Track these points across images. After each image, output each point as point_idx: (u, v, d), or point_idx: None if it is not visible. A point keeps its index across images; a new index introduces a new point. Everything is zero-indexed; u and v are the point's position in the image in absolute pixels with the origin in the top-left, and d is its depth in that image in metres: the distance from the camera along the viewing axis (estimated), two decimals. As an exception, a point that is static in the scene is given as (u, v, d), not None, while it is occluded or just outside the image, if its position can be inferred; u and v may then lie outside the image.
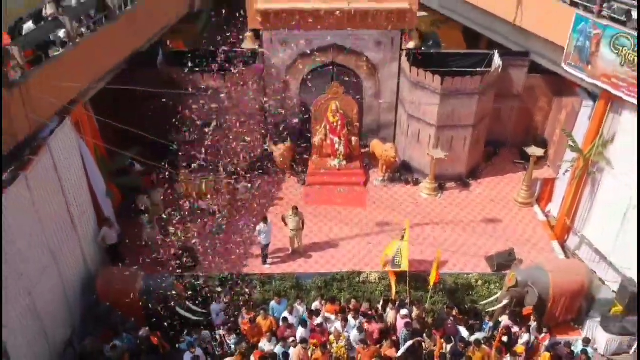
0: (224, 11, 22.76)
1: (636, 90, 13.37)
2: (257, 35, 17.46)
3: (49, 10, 12.76)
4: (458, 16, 19.79)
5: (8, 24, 11.47)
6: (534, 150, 16.57)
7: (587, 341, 12.96)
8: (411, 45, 17.67)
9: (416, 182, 17.99)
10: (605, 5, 13.96)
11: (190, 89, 15.99)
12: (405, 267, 13.65)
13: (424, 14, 22.39)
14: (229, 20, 16.80)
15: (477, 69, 17.46)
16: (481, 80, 16.41)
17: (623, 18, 13.67)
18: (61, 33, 12.46)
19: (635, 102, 13.53)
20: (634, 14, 13.54)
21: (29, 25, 12.42)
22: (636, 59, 13.21)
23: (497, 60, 17.06)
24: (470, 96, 16.50)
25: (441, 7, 20.62)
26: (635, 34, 13.16)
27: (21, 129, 11.24)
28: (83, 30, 12.94)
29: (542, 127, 18.73)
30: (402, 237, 13.99)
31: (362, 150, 18.74)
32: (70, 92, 12.59)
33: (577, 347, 13.09)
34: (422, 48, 20.13)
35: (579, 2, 14.61)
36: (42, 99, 11.56)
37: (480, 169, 18.50)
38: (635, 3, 13.55)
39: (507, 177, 18.34)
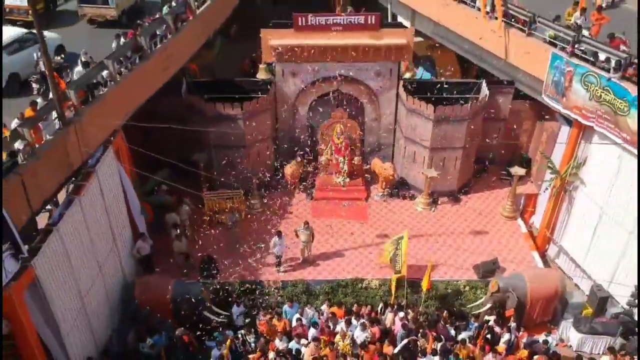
0: (234, 27, 24.50)
1: (605, 122, 15.37)
2: (269, 67, 19.46)
3: (82, 57, 14.71)
4: (450, 44, 21.66)
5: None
6: (517, 170, 18.57)
7: (545, 342, 14.85)
8: (408, 75, 19.67)
9: (412, 197, 20.01)
10: (577, 45, 15.95)
11: (210, 116, 18.08)
12: (404, 272, 15.61)
13: (419, 39, 24.42)
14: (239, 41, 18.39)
15: (467, 96, 19.50)
16: (470, 108, 18.42)
17: (592, 58, 15.67)
18: (105, 74, 14.44)
19: (604, 131, 15.54)
20: (601, 56, 15.54)
21: (78, 69, 14.40)
22: (603, 94, 15.23)
23: (484, 89, 19.07)
24: (461, 122, 18.51)
25: (435, 35, 22.54)
26: (602, 73, 15.16)
27: (75, 159, 13.26)
28: (122, 70, 14.92)
29: (527, 147, 20.72)
30: (398, 241, 15.96)
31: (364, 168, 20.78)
32: (112, 125, 14.61)
33: (552, 343, 15.17)
34: (419, 66, 22.11)
35: (556, 42, 16.61)
36: (91, 133, 13.58)
37: (470, 185, 20.51)
38: (601, 45, 15.56)
39: (495, 192, 20.34)
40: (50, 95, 12.69)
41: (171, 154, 16.42)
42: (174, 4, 18.04)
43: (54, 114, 12.72)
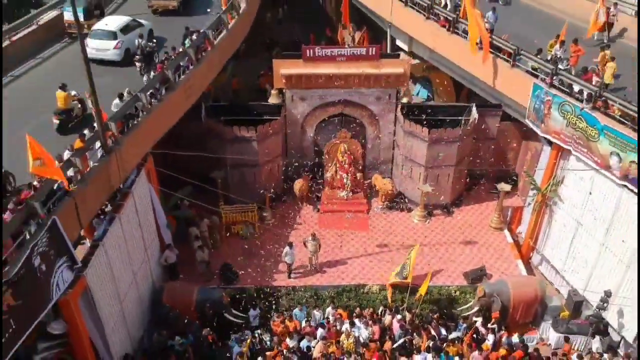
0: (242, 46, 26.45)
1: (579, 146, 17.37)
2: (280, 92, 21.49)
3: (125, 93, 16.73)
4: (444, 68, 23.68)
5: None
6: (503, 186, 20.60)
7: (522, 341, 16.82)
8: (405, 100, 21.69)
9: (409, 210, 22.04)
10: (555, 78, 17.96)
11: (227, 138, 20.12)
12: (409, 280, 17.54)
13: (417, 61, 26.47)
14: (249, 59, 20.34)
15: (459, 118, 21.53)
16: (461, 130, 20.44)
17: (567, 90, 17.68)
18: (138, 105, 16.42)
19: (579, 155, 17.53)
20: (576, 87, 17.54)
21: (116, 102, 16.39)
22: (577, 121, 17.24)
23: (474, 113, 21.09)
24: (453, 142, 20.54)
25: (430, 59, 24.54)
26: (576, 103, 17.17)
27: (115, 181, 15.25)
28: (153, 101, 16.91)
29: (513, 164, 22.74)
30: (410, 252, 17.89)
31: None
32: (145, 149, 16.63)
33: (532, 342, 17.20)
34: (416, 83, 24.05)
35: (537, 73, 18.61)
36: (127, 158, 15.59)
37: (462, 199, 22.53)
38: (575, 79, 17.56)
39: (484, 205, 22.36)
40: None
41: (192, 171, 18.50)
42: (194, 37, 20.01)
43: (98, 144, 14.70)
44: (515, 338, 16.79)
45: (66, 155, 13.96)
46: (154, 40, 21.34)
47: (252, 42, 30.36)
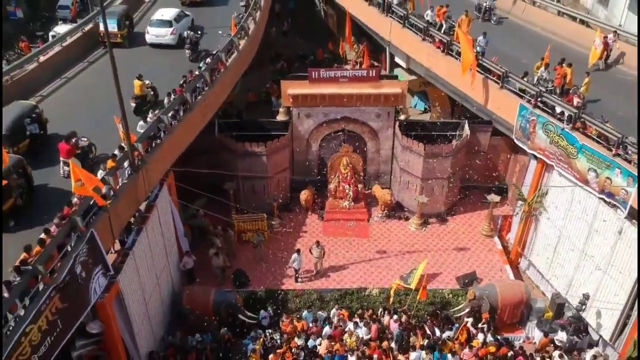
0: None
1: (561, 162, 19.10)
2: (288, 110, 23.22)
3: (150, 118, 18.45)
4: (439, 84, 25.39)
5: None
6: (493, 197, 22.33)
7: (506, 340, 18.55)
8: (402, 117, 23.41)
9: (407, 219, 23.77)
10: (539, 99, 19.69)
11: (239, 152, 21.85)
12: (413, 286, 19.13)
13: (414, 77, 28.22)
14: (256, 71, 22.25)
15: (452, 133, 23.26)
16: (454, 145, 22.17)
17: (550, 111, 19.41)
18: (161, 126, 18.13)
19: (561, 170, 19.25)
20: (557, 109, 19.27)
21: (141, 124, 18.09)
22: (559, 140, 18.97)
23: (466, 129, 22.82)
24: (446, 157, 22.27)
25: (426, 76, 26.26)
26: (558, 123, 18.90)
27: (142, 196, 16.98)
28: (173, 122, 18.62)
29: (504, 175, 24.47)
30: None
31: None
32: (167, 166, 18.36)
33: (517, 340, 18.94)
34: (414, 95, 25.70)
35: (523, 95, 20.34)
36: (152, 174, 17.31)
37: (455, 208, 24.25)
38: (557, 101, 19.28)
39: (476, 214, 24.09)
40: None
41: (206, 183, 20.25)
42: (209, 60, 21.72)
43: (127, 163, 16.41)
44: (489, 337, 18.48)
45: (100, 174, 15.64)
46: (199, 32, 26.35)
47: (258, 55, 32.11)
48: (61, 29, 35.12)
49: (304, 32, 40.25)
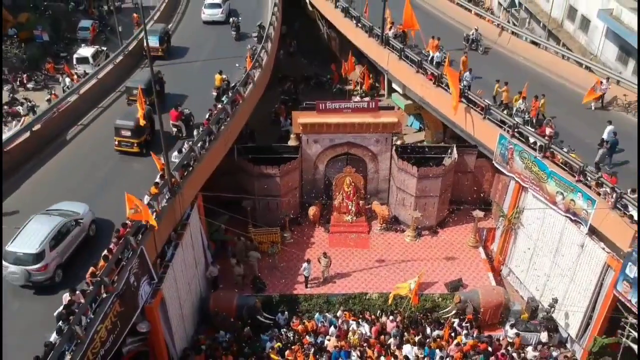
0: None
1: (534, 185, 22.23)
2: (298, 136, 26.38)
3: (185, 148, 21.55)
4: (432, 110, 28.51)
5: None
6: (477, 213, 25.48)
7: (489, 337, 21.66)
8: (398, 142, 26.54)
9: (402, 231, 26.91)
10: (515, 130, 22.81)
11: (255, 174, 25.02)
12: (401, 293, 22.11)
13: (409, 102, 31.36)
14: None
15: (442, 156, 26.41)
16: (444, 168, 25.33)
17: (524, 140, 22.54)
18: (192, 155, 21.23)
19: (534, 192, 22.38)
20: (531, 139, 22.39)
21: (175, 154, 21.20)
22: (532, 166, 22.10)
23: (454, 153, 25.97)
24: (437, 177, 25.42)
25: (420, 102, 29.37)
26: (531, 152, 22.01)
27: (178, 216, 20.12)
28: (201, 151, 21.73)
29: (488, 192, 27.60)
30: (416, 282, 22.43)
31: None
32: (197, 189, 21.49)
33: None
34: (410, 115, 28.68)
35: (502, 125, 23.46)
36: (186, 197, 20.43)
37: (445, 222, 27.39)
38: (531, 132, 22.40)
39: (464, 227, 27.23)
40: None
41: (227, 201, 23.39)
42: (230, 94, 24.82)
43: (166, 189, 19.53)
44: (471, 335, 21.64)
45: (146, 199, 18.74)
46: (240, 17, 35.90)
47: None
48: (84, 51, 38.34)
49: (309, 53, 43.37)
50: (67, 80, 35.72)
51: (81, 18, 47.15)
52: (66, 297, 15.26)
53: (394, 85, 31.97)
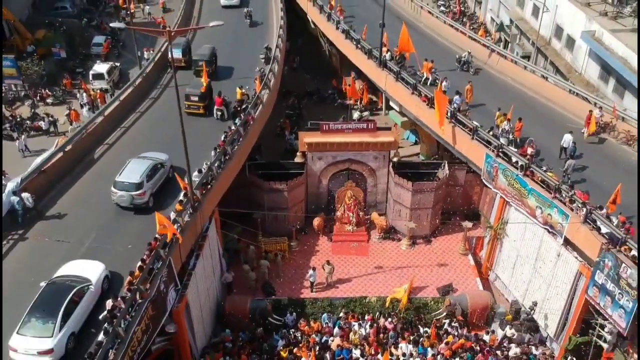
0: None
1: (516, 200, 24.77)
2: (303, 153, 28.93)
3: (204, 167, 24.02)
4: (426, 128, 31.04)
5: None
6: (466, 224, 28.06)
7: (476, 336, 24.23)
8: (395, 159, 29.10)
9: (398, 240, 29.47)
10: (500, 150, 25.35)
11: (265, 189, 27.58)
12: (398, 297, 24.70)
13: (406, 119, 33.89)
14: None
15: (435, 171, 28.97)
16: (436, 183, 27.89)
17: (507, 160, 25.09)
18: (211, 174, 23.72)
19: (516, 206, 24.93)
20: (513, 159, 24.92)
21: (195, 174, 23.68)
22: (514, 183, 24.64)
23: (446, 169, 28.54)
24: (430, 191, 27.98)
25: (416, 119, 31.88)
26: (513, 170, 24.54)
27: (199, 229, 22.64)
28: (218, 170, 24.24)
29: (477, 204, 30.17)
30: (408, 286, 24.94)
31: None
32: (214, 204, 24.02)
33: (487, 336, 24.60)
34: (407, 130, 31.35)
35: (488, 145, 25.99)
36: (205, 212, 22.95)
37: (438, 231, 29.95)
38: (513, 152, 24.93)
39: (455, 236, 29.79)
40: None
41: (239, 213, 25.95)
42: (242, 116, 27.31)
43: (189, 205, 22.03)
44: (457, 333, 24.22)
45: (172, 215, 21.24)
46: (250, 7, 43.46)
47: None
48: (100, 67, 40.84)
49: (311, 69, 45.91)
50: (85, 95, 38.28)
51: (94, 33, 49.41)
52: (109, 303, 17.71)
53: (391, 103, 34.48)
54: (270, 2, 46.46)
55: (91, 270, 18.74)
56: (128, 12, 53.02)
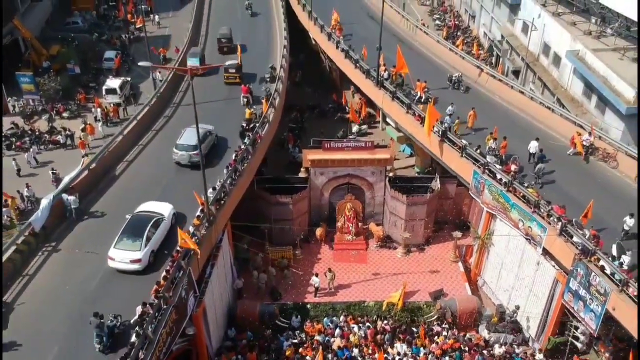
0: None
1: (501, 213, 27.28)
2: (307, 169, 31.42)
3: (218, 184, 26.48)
4: (420, 144, 33.50)
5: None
6: (456, 234, 30.56)
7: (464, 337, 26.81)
8: (391, 174, 31.59)
9: (394, 248, 31.96)
10: (486, 168, 27.84)
11: (272, 202, 30.06)
12: (393, 301, 27.22)
13: (401, 134, 36.38)
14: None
15: (427, 185, 31.47)
16: (428, 196, 30.41)
17: (493, 176, 27.58)
18: (224, 190, 26.17)
19: (501, 218, 27.44)
20: (498, 175, 27.40)
21: (211, 191, 26.13)
22: (499, 198, 27.14)
23: (437, 183, 31.04)
24: (422, 204, 30.49)
25: (410, 136, 34.30)
26: (499, 186, 27.04)
27: (214, 241, 25.10)
28: (230, 187, 26.69)
29: (467, 215, 32.67)
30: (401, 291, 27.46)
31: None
32: (227, 218, 26.50)
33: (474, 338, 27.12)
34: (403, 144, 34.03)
35: (476, 162, 28.46)
36: (219, 225, 25.42)
37: (431, 240, 32.45)
38: (498, 170, 27.41)
39: (446, 244, 32.28)
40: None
41: (247, 225, 28.46)
42: (250, 135, 29.76)
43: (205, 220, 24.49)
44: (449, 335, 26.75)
45: (191, 229, 23.69)
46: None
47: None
48: (112, 82, 43.24)
49: (312, 83, 48.35)
50: (99, 110, 40.70)
51: (104, 47, 51.75)
52: (139, 309, 20.19)
53: (388, 120, 36.98)
54: (274, 25, 48.95)
55: (163, 208, 24.66)
56: (137, 27, 55.93)
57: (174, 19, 58.59)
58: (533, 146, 28.85)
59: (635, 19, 36.18)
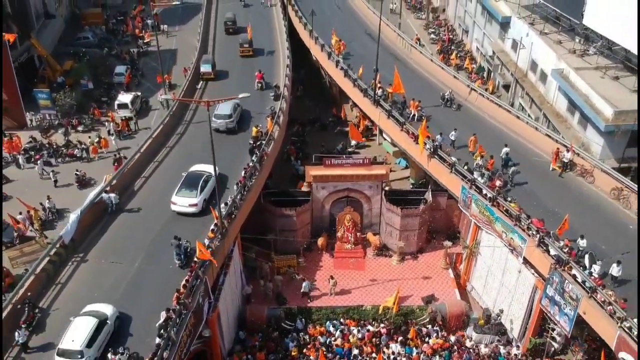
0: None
1: (486, 225, 29.94)
2: (309, 184, 34.06)
3: (230, 199, 29.09)
4: (413, 159, 36.14)
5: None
6: (447, 243, 33.24)
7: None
8: (387, 188, 34.26)
9: (390, 256, 34.62)
10: (473, 184, 30.49)
11: (277, 214, 32.73)
12: (389, 305, 29.84)
13: (396, 149, 39.05)
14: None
15: (420, 198, 34.15)
16: (421, 208, 33.09)
17: (479, 191, 30.23)
18: (235, 205, 28.77)
19: (486, 230, 30.12)
20: (484, 191, 30.04)
21: (223, 205, 28.74)
22: (484, 211, 29.80)
23: (429, 196, 33.72)
24: (416, 216, 33.17)
25: (405, 151, 36.95)
26: (484, 201, 29.71)
27: (227, 252, 27.72)
28: (240, 202, 29.30)
29: (457, 225, 35.34)
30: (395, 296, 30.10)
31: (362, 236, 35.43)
32: (237, 230, 29.14)
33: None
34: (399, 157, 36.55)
35: (464, 178, 31.11)
36: (230, 237, 28.06)
37: (423, 249, 35.12)
38: (483, 186, 30.06)
39: (438, 252, 34.92)
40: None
41: (254, 233, 31.13)
42: (257, 152, 32.36)
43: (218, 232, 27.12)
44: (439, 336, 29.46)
45: (206, 242, 26.30)
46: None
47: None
48: (124, 97, 45.71)
49: (313, 97, 50.91)
50: (112, 125, 43.21)
51: (114, 62, 54.17)
52: (163, 314, 22.81)
53: (384, 135, 39.65)
54: (278, 45, 51.48)
55: (210, 168, 29.07)
56: (145, 42, 58.49)
57: (180, 32, 61.16)
58: (504, 152, 32.05)
59: (615, 40, 38.95)
